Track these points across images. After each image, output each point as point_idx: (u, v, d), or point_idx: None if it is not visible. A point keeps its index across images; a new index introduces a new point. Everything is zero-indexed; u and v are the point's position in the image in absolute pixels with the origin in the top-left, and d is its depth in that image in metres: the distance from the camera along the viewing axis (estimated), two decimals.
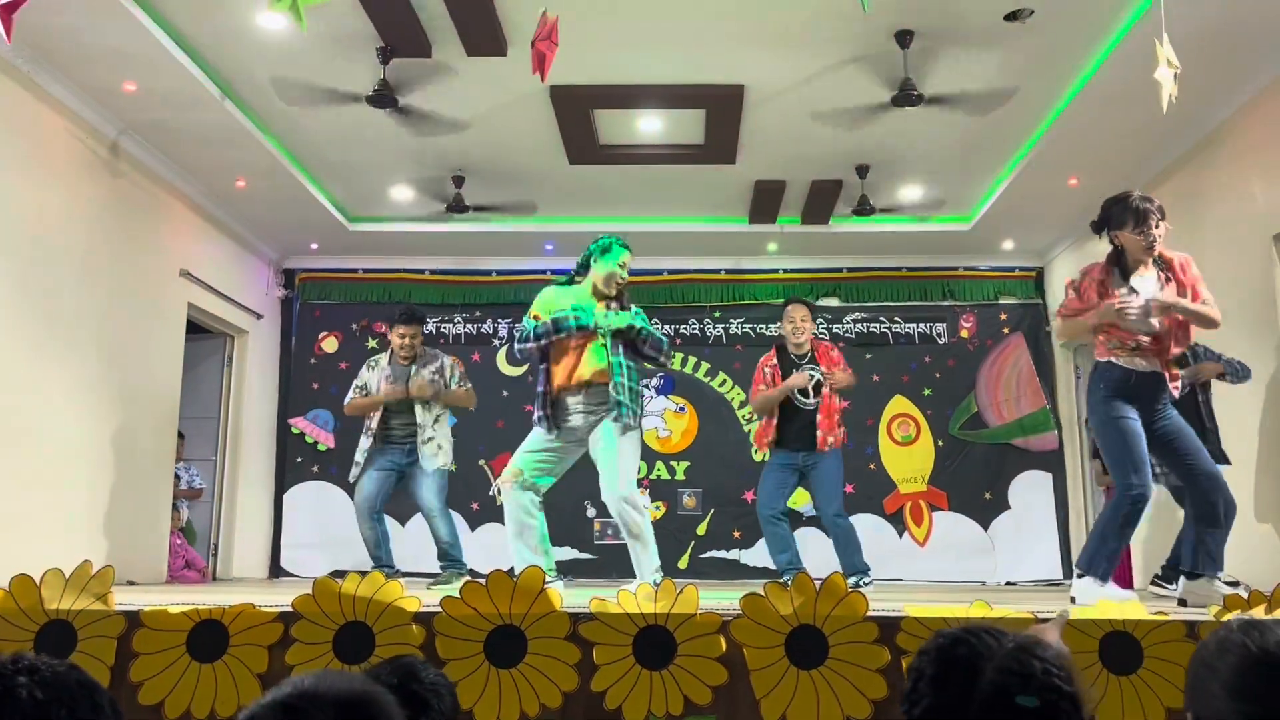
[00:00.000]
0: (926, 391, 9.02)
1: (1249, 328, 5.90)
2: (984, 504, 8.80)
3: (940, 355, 9.09)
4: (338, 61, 5.85)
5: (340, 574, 2.86)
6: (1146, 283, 4.15)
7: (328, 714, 1.08)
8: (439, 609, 2.64)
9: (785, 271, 9.22)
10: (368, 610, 2.62)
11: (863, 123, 6.55)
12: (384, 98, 5.86)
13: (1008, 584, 8.48)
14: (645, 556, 4.45)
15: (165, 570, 7.18)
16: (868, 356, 8.98)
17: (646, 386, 9.12)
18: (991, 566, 8.62)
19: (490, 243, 8.80)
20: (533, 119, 6.60)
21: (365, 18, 5.35)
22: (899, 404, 9.00)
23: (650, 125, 6.78)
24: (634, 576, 4.43)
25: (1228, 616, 2.64)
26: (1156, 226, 4.12)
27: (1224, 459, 5.45)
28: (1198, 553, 4.14)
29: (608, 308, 4.62)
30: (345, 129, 6.70)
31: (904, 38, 5.51)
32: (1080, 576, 4.21)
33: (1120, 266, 4.18)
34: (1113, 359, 4.14)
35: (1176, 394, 4.18)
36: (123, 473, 6.62)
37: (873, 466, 8.90)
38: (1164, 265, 4.21)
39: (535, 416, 4.62)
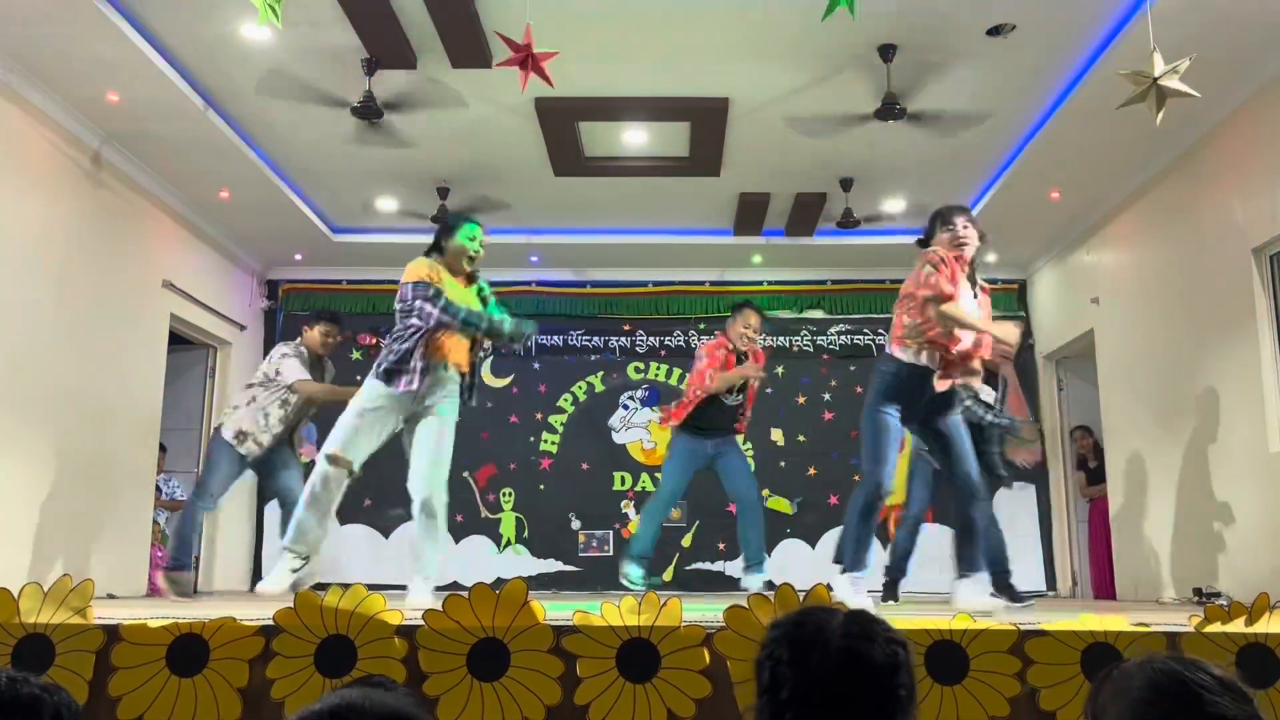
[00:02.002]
0: None
1: (1229, 341, 5.95)
2: None
3: None
4: (323, 72, 5.85)
5: (322, 587, 2.84)
6: (964, 289, 4.30)
7: None
8: (421, 622, 2.62)
9: (770, 284, 9.25)
10: (349, 623, 2.60)
11: (847, 136, 6.58)
12: (369, 109, 5.85)
13: (991, 596, 8.48)
14: (436, 552, 4.45)
15: (146, 583, 7.12)
16: (852, 368, 9.01)
17: (631, 398, 9.13)
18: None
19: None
20: (518, 131, 6.61)
21: (350, 29, 5.35)
22: None
23: (635, 138, 6.80)
24: (619, 589, 4.43)
25: (1208, 628, 2.65)
26: (965, 227, 4.30)
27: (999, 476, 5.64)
28: (955, 557, 4.40)
29: (466, 283, 4.61)
30: (330, 140, 6.69)
31: (887, 52, 5.54)
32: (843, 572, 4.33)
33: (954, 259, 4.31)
34: (898, 352, 4.22)
35: (943, 387, 4.26)
36: (103, 485, 6.57)
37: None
38: (975, 280, 4.39)
39: (392, 372, 4.43)
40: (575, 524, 8.80)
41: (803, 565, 8.07)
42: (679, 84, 6.04)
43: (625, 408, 9.11)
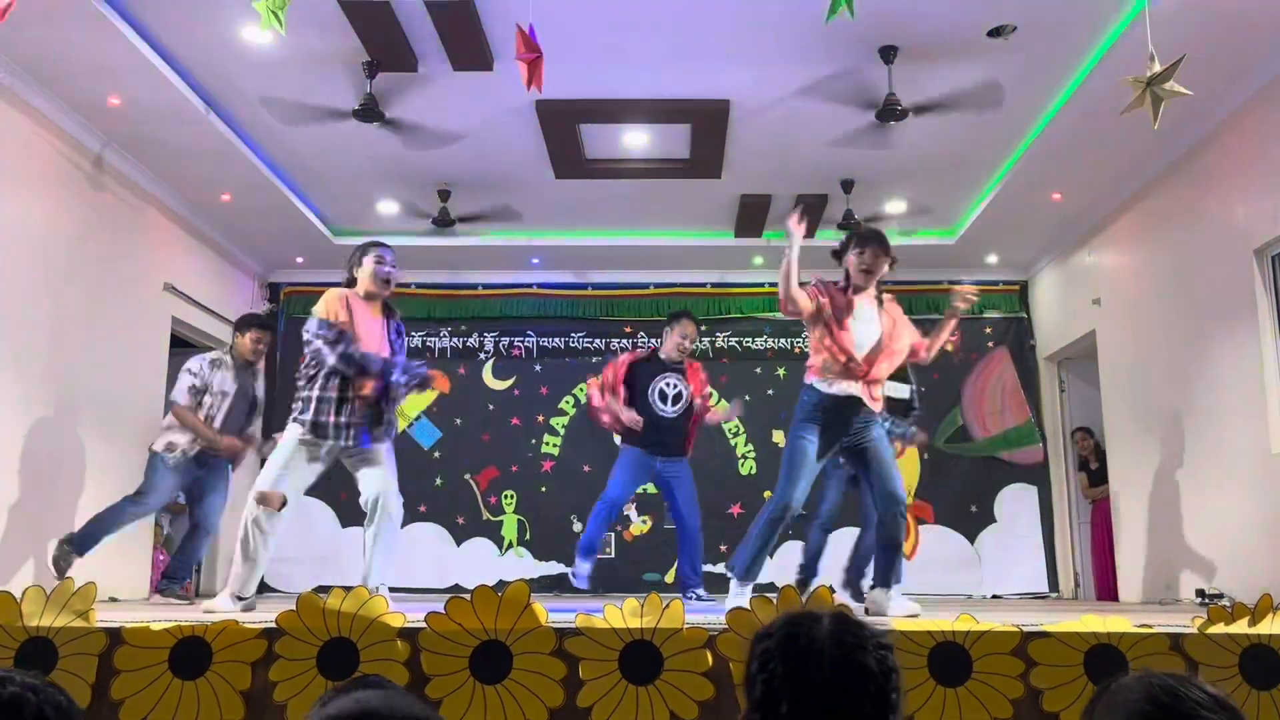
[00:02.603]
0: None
1: (1230, 342, 5.95)
2: (970, 517, 8.82)
3: (925, 369, 9.09)
4: (324, 75, 5.85)
5: (324, 589, 2.84)
6: (868, 310, 4.46)
7: None
8: (424, 625, 2.62)
9: (771, 285, 9.22)
10: (352, 626, 2.60)
11: (847, 138, 6.59)
12: (370, 112, 5.86)
13: (994, 597, 8.49)
14: (388, 561, 4.44)
15: (148, 586, 7.11)
16: None
17: None
18: (978, 579, 8.64)
19: (476, 256, 8.79)
20: (519, 133, 6.61)
21: (351, 32, 5.35)
22: None
23: (636, 140, 6.80)
24: (621, 591, 4.43)
25: (1212, 630, 2.65)
26: (868, 254, 4.45)
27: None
28: (877, 566, 4.45)
29: (379, 314, 4.58)
30: (331, 143, 6.69)
31: (888, 53, 5.54)
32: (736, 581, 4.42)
33: (846, 288, 4.49)
34: (815, 382, 4.37)
35: (877, 409, 4.44)
36: (104, 487, 6.56)
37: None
38: (880, 299, 4.52)
39: (320, 424, 4.32)
40: (577, 526, 8.79)
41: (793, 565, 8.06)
42: (680, 86, 6.05)
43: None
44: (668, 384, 6.05)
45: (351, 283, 4.58)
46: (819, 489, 6.06)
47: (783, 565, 7.23)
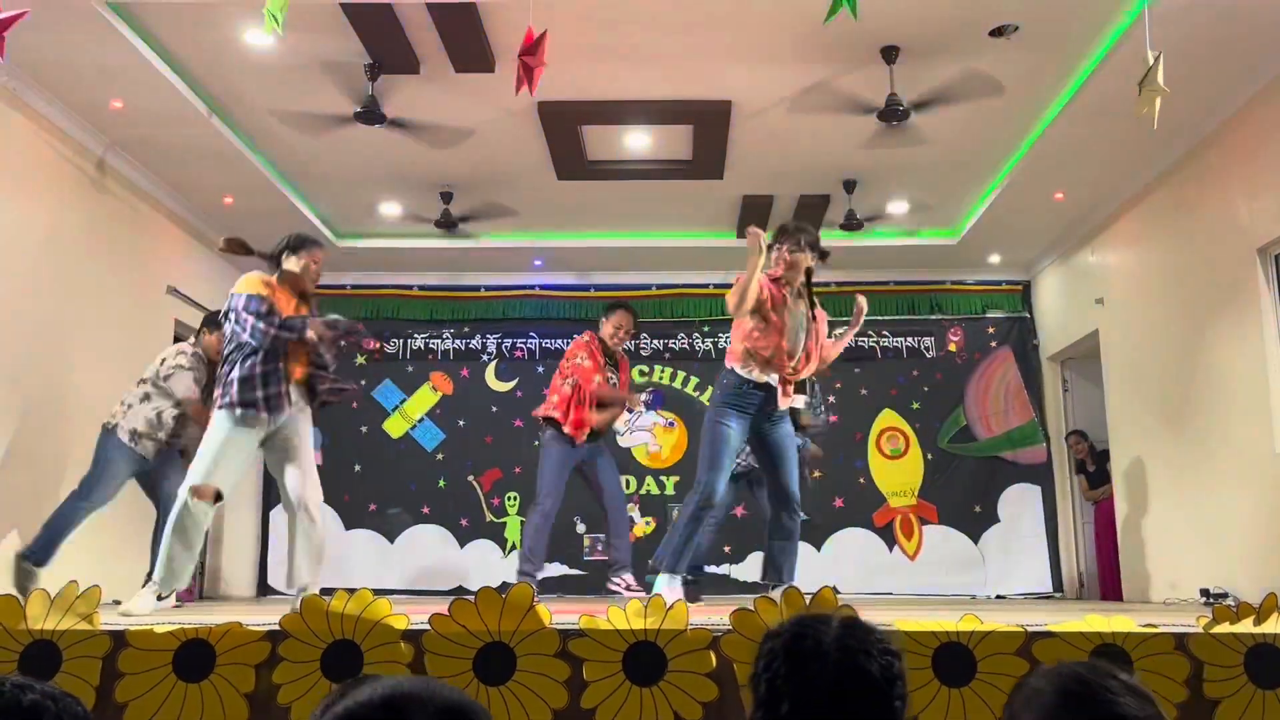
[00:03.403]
0: (915, 405, 9.03)
1: (1234, 341, 5.94)
2: (973, 517, 8.81)
3: (928, 369, 9.11)
4: (325, 78, 5.85)
5: (328, 591, 2.84)
6: (798, 308, 4.48)
7: (431, 717, 1.05)
8: (428, 626, 2.62)
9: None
10: (355, 628, 2.60)
11: (849, 138, 6.58)
12: (372, 114, 5.86)
13: (998, 597, 8.48)
14: (316, 563, 4.37)
15: None
16: (856, 370, 9.01)
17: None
18: (982, 580, 8.62)
19: (479, 258, 8.80)
20: (521, 135, 6.61)
21: (353, 34, 5.35)
22: (888, 418, 9.02)
23: (638, 141, 6.80)
24: (619, 593, 4.43)
25: (1216, 629, 2.64)
26: (792, 252, 4.45)
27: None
28: (771, 565, 4.47)
29: (301, 308, 4.47)
30: (333, 145, 6.70)
31: (890, 53, 5.54)
32: (657, 573, 4.40)
33: (775, 282, 4.48)
34: (735, 367, 4.38)
35: (784, 406, 4.45)
36: None
37: (862, 480, 8.90)
38: (811, 297, 4.58)
39: (248, 399, 4.21)
40: (580, 528, 8.79)
41: (807, 568, 8.03)
42: (681, 87, 6.04)
43: (630, 411, 9.10)
44: (606, 377, 6.07)
45: (275, 265, 4.48)
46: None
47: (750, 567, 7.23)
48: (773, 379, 4.36)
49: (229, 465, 4.27)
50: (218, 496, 4.25)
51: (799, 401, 5.91)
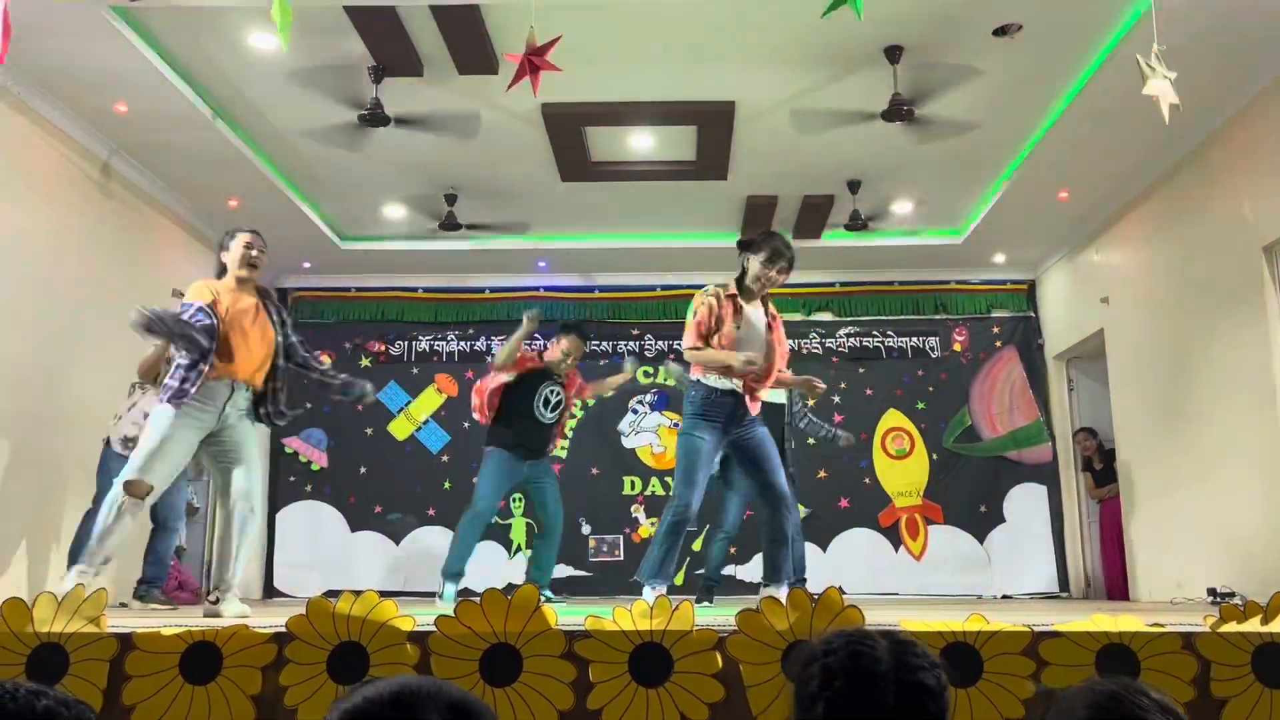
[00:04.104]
0: (920, 405, 9.03)
1: (1240, 339, 5.92)
2: (979, 517, 8.80)
3: (933, 369, 9.10)
4: (330, 81, 5.86)
5: (334, 593, 2.85)
6: (757, 314, 4.49)
7: (440, 713, 1.08)
8: (434, 628, 2.62)
9: (782, 287, 9.23)
10: (362, 630, 2.60)
11: (853, 138, 6.58)
12: (376, 117, 5.87)
13: (1004, 597, 8.46)
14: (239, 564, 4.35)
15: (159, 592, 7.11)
16: (861, 370, 9.01)
17: (640, 403, 9.13)
18: (988, 580, 8.61)
19: (483, 260, 8.81)
20: (525, 137, 6.62)
21: (357, 37, 5.36)
22: (893, 418, 9.01)
23: (642, 142, 6.80)
24: (631, 593, 4.43)
25: (1224, 628, 2.64)
26: (781, 274, 4.49)
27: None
28: (765, 565, 4.45)
29: (255, 296, 4.38)
30: (337, 148, 6.71)
31: (894, 53, 5.54)
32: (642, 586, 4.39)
33: (740, 291, 4.49)
34: (701, 378, 4.38)
35: (754, 412, 4.45)
36: None
37: (867, 481, 8.89)
38: (767, 304, 4.58)
39: (174, 392, 4.12)
40: (585, 529, 8.80)
41: (814, 569, 8.04)
42: (685, 88, 6.05)
43: (634, 412, 9.11)
44: (551, 391, 6.02)
45: (222, 271, 4.43)
46: (719, 501, 6.12)
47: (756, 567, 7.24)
48: (736, 385, 4.35)
49: (164, 461, 4.20)
50: (148, 492, 4.19)
51: (780, 396, 5.97)
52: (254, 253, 4.36)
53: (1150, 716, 1.31)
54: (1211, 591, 5.98)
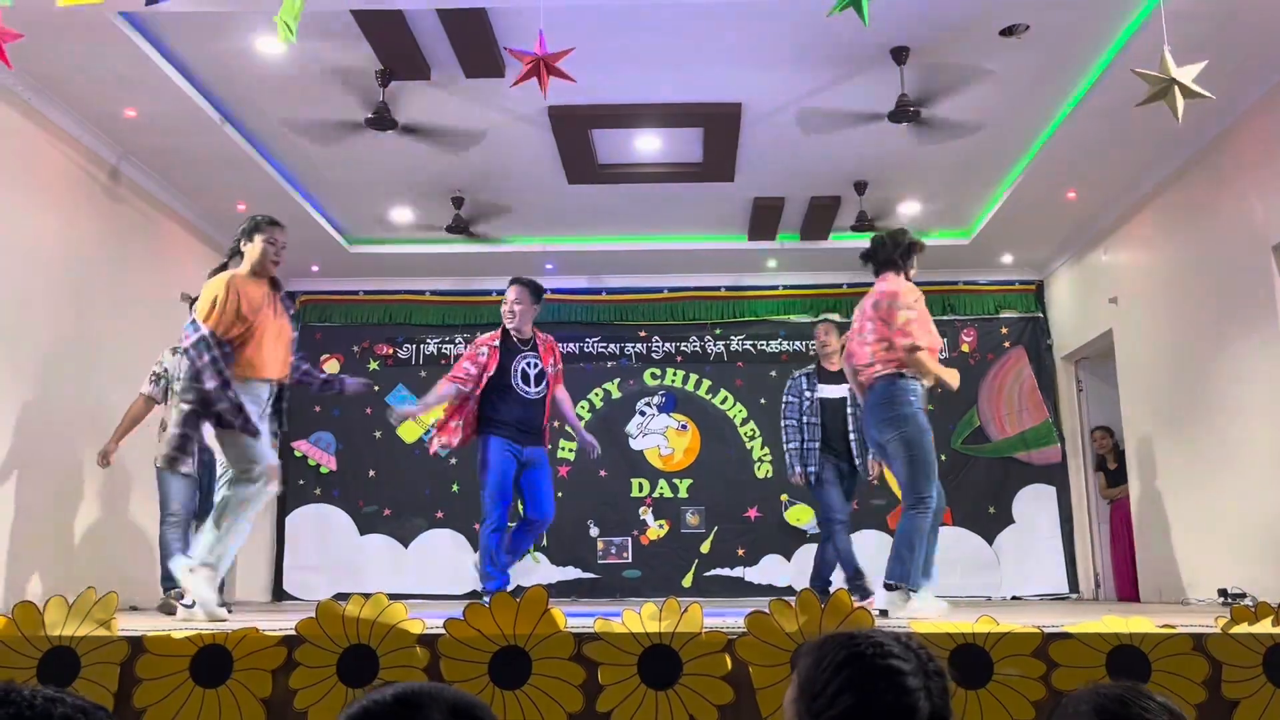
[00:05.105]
0: (928, 406, 8.99)
1: (1249, 339, 5.90)
2: (988, 518, 8.78)
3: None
4: (337, 85, 5.88)
5: (343, 596, 2.85)
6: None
7: (441, 714, 1.10)
8: (443, 631, 2.63)
9: (785, 288, 9.23)
10: (371, 633, 2.61)
11: (860, 139, 6.57)
12: (383, 120, 5.88)
13: (1013, 598, 8.44)
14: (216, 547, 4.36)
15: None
16: None
17: (648, 404, 9.13)
18: (997, 581, 8.59)
19: (490, 263, 8.81)
20: (531, 139, 6.63)
21: (364, 41, 5.38)
22: None
23: (648, 144, 6.81)
24: (639, 595, 4.41)
25: (1235, 629, 2.63)
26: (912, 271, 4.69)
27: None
28: (891, 564, 4.49)
29: (270, 288, 4.44)
30: (345, 152, 6.72)
31: (900, 54, 5.53)
32: (892, 589, 4.39)
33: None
34: (904, 372, 4.50)
35: None
36: (124, 497, 6.60)
37: (876, 482, 8.87)
38: None
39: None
40: (594, 531, 8.80)
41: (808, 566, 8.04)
42: (691, 90, 6.05)
43: (642, 414, 9.11)
44: (529, 363, 5.55)
45: (234, 254, 4.47)
46: (826, 495, 6.10)
47: (804, 569, 7.22)
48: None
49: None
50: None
51: (840, 390, 6.31)
52: (275, 250, 4.50)
53: (1155, 719, 1.32)
54: (1223, 592, 5.95)
